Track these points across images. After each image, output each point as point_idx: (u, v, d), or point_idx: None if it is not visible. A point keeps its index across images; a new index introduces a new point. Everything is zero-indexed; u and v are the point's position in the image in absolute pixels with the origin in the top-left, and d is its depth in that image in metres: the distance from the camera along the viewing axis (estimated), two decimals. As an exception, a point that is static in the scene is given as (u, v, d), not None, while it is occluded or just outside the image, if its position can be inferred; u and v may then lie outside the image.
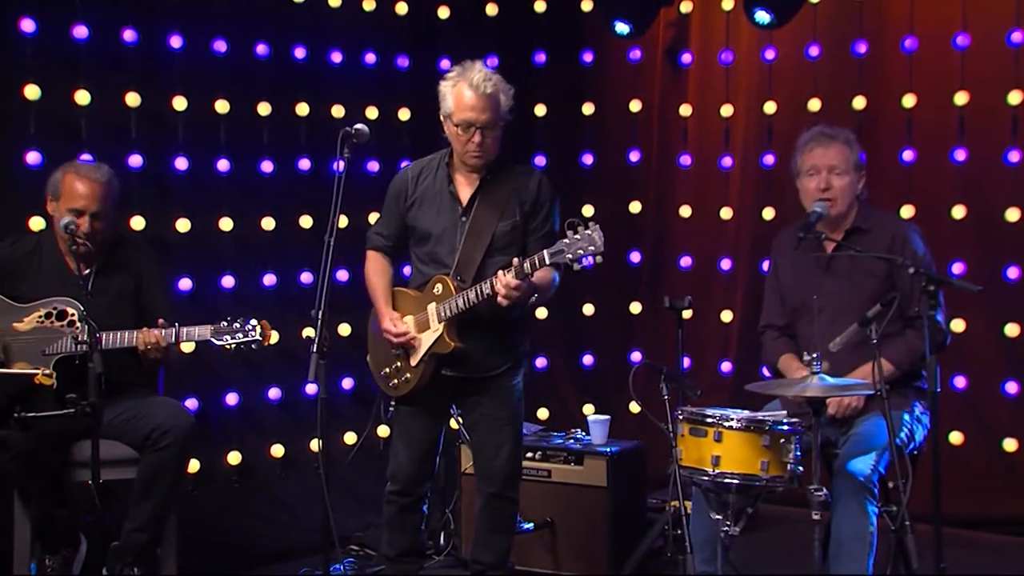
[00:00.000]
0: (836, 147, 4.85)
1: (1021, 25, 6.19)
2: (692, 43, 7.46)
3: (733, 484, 4.15)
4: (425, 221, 4.70)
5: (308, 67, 6.52)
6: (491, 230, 4.61)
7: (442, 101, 4.61)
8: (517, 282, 4.36)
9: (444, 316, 4.56)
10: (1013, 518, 6.30)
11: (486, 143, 4.57)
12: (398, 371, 4.72)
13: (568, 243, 4.29)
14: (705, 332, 7.29)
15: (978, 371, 6.45)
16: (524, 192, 4.67)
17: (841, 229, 4.87)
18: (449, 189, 4.69)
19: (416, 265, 4.80)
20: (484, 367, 4.70)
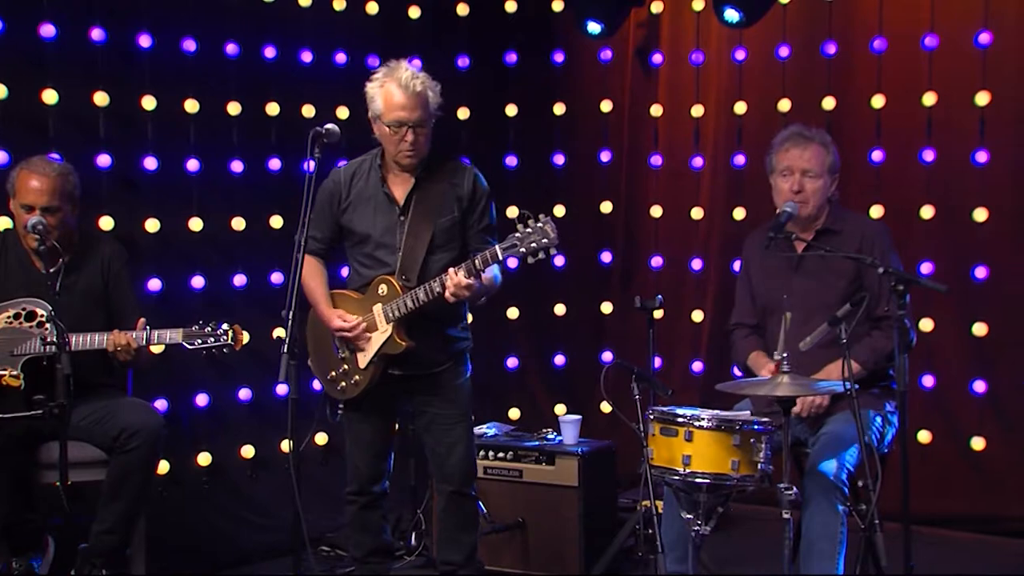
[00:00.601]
0: (812, 149, 4.86)
1: (988, 26, 6.23)
2: (662, 43, 7.48)
3: (704, 483, 4.16)
4: (362, 223, 4.71)
5: (278, 66, 6.49)
6: (431, 228, 4.63)
7: (371, 103, 4.62)
8: (468, 281, 4.39)
9: (392, 316, 4.58)
10: (981, 516, 6.35)
11: (418, 141, 4.58)
12: (346, 374, 4.73)
13: (520, 237, 4.33)
14: (676, 332, 7.31)
15: (946, 370, 6.49)
16: (460, 188, 4.70)
17: (812, 229, 4.89)
18: (384, 190, 4.70)
19: (355, 267, 4.81)
20: (429, 364, 4.72)
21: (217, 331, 4.81)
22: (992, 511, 6.33)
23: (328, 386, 4.81)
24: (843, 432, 4.50)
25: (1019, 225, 6.21)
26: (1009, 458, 6.29)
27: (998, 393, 6.35)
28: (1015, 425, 6.27)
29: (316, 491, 5.50)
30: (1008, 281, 6.27)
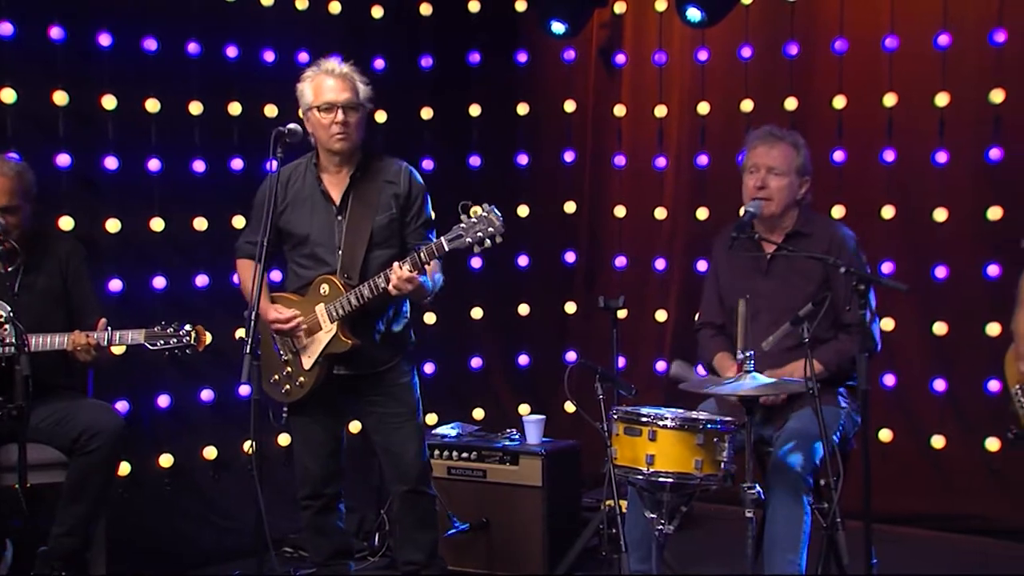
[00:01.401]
0: (780, 148, 4.88)
1: (947, 28, 6.28)
2: (626, 44, 7.49)
3: (667, 483, 4.16)
4: (300, 224, 4.72)
5: (240, 66, 6.45)
6: (369, 225, 4.66)
7: (301, 98, 4.70)
8: (410, 274, 4.41)
9: (336, 315, 4.59)
10: (941, 514, 6.40)
11: (349, 124, 4.63)
12: (290, 376, 4.72)
13: (465, 227, 4.34)
14: (640, 332, 7.33)
15: (907, 369, 6.54)
16: (396, 186, 4.74)
17: (781, 231, 4.90)
18: (320, 189, 4.72)
19: (293, 269, 4.81)
20: (374, 362, 4.74)
21: (180, 332, 4.78)
22: (952, 509, 6.38)
23: (271, 389, 4.79)
24: (807, 428, 4.51)
25: (978, 225, 6.25)
26: (968, 456, 6.34)
27: (957, 392, 6.41)
28: (973, 424, 6.32)
29: (279, 492, 5.47)
30: (967, 281, 6.32)
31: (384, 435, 4.82)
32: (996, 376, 5.30)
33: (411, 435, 4.81)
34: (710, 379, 4.82)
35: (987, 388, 6.11)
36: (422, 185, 4.83)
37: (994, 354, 4.10)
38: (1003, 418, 4.01)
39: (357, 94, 4.68)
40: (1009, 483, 6.15)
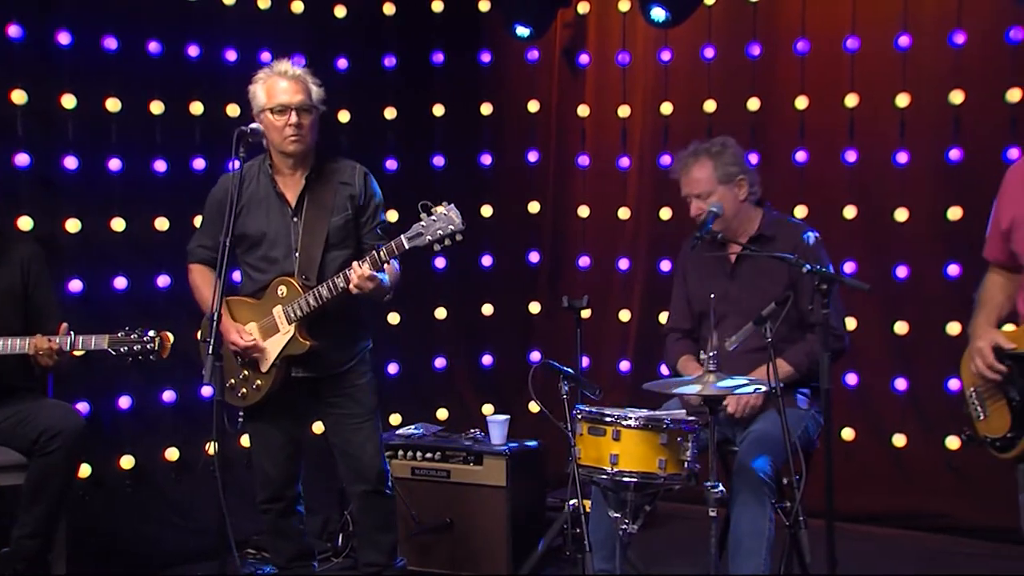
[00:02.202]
0: (695, 170, 4.91)
1: (908, 29, 6.33)
2: (589, 44, 7.50)
3: (631, 482, 4.16)
4: (255, 226, 4.71)
5: (202, 65, 6.42)
6: (325, 227, 4.66)
7: (254, 100, 4.69)
8: (371, 272, 4.42)
9: (294, 316, 4.58)
10: (902, 512, 6.45)
11: (303, 126, 4.62)
12: (246, 380, 4.70)
13: (425, 225, 4.37)
14: (603, 332, 7.34)
15: (869, 368, 6.58)
16: (351, 186, 4.75)
17: (745, 235, 4.91)
18: (275, 191, 4.71)
19: (248, 272, 4.79)
20: (333, 364, 4.74)
21: (143, 338, 4.75)
22: (913, 507, 6.43)
23: (227, 394, 4.76)
24: (770, 430, 4.53)
25: (939, 225, 6.30)
26: (928, 454, 6.38)
27: (918, 391, 6.46)
28: (934, 422, 6.36)
29: (242, 493, 5.44)
30: (928, 281, 6.37)
31: (342, 436, 4.81)
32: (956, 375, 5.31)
33: (369, 436, 4.81)
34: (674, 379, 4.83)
35: (947, 387, 6.16)
36: (376, 186, 4.84)
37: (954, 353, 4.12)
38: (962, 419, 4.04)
39: (310, 96, 4.67)
40: (969, 481, 6.20)
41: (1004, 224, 3.86)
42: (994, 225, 3.95)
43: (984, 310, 3.96)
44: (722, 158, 4.90)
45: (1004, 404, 3.79)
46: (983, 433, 3.92)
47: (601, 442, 4.19)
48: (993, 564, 5.77)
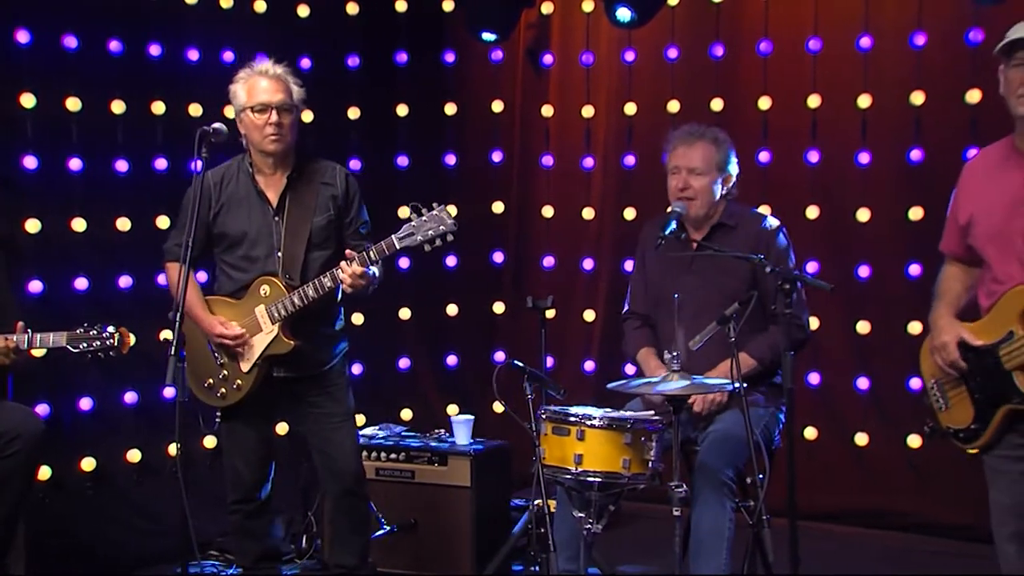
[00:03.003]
0: (699, 147, 4.90)
1: (869, 30, 6.37)
2: (553, 44, 7.50)
3: (596, 482, 4.17)
4: (236, 225, 4.70)
5: (164, 65, 6.38)
6: (307, 227, 4.66)
7: (234, 99, 4.70)
8: (363, 270, 4.43)
9: (279, 316, 4.57)
10: (865, 510, 6.49)
11: (283, 125, 4.62)
12: (226, 380, 4.69)
13: (416, 225, 4.39)
14: (568, 331, 7.35)
15: (831, 367, 6.62)
16: (333, 187, 4.76)
17: (706, 226, 4.92)
18: (256, 190, 4.70)
19: (227, 272, 4.77)
20: (315, 363, 4.73)
21: (103, 334, 4.71)
22: (876, 505, 6.47)
23: (205, 394, 4.74)
24: (732, 430, 4.54)
25: (900, 225, 6.34)
26: (890, 453, 6.42)
27: (880, 390, 6.50)
28: (896, 421, 6.40)
29: (205, 495, 5.41)
30: (889, 280, 6.41)
31: (322, 437, 4.80)
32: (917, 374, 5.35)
33: (348, 437, 4.81)
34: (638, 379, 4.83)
35: (909, 386, 6.20)
36: (357, 187, 4.84)
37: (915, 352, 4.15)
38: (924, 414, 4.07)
39: (291, 95, 4.67)
40: (930, 479, 6.24)
41: (962, 219, 3.89)
42: (951, 219, 3.98)
43: (943, 301, 3.98)
44: (724, 147, 4.95)
45: (966, 395, 3.81)
46: (946, 424, 3.95)
47: (565, 442, 4.20)
48: (955, 562, 5.81)
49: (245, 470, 4.80)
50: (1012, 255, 3.70)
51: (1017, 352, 3.62)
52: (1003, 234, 3.73)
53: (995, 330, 3.70)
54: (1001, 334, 3.68)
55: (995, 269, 3.77)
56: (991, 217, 3.78)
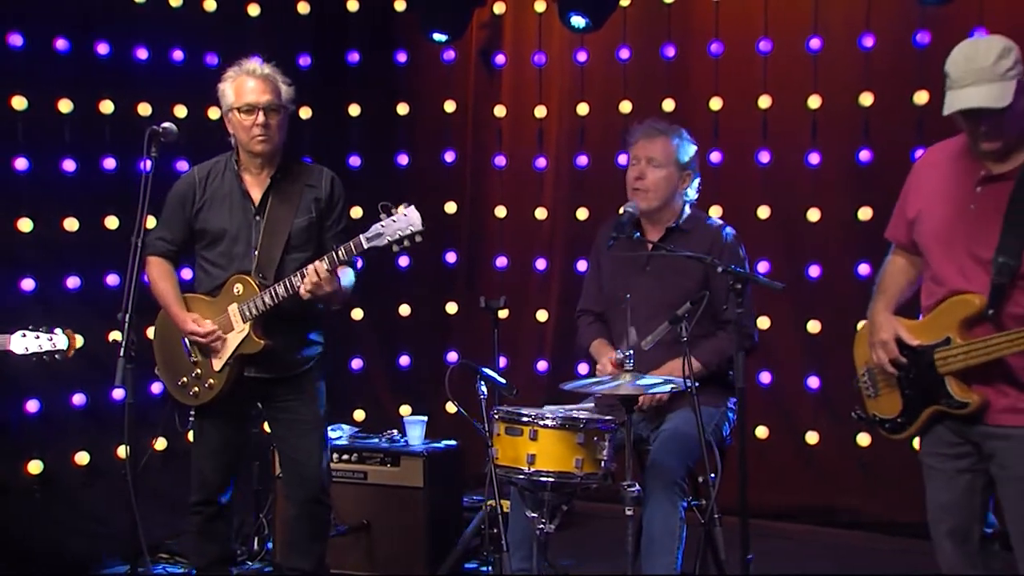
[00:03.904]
0: (660, 140, 4.91)
1: (819, 32, 6.42)
2: (505, 44, 7.51)
3: (549, 482, 4.17)
4: (217, 222, 4.66)
5: (112, 63, 6.32)
6: (287, 228, 4.62)
7: (223, 99, 4.65)
8: (326, 271, 4.39)
9: (249, 315, 4.53)
10: (815, 508, 6.54)
11: (270, 126, 4.60)
12: (199, 378, 4.64)
13: (384, 226, 4.36)
14: (521, 332, 7.35)
15: (782, 367, 6.66)
16: (317, 189, 4.72)
17: (662, 227, 4.93)
18: (240, 188, 4.67)
19: (206, 268, 4.73)
20: (289, 365, 4.69)
21: (50, 334, 4.64)
22: (825, 503, 6.52)
23: (179, 392, 4.70)
24: (683, 429, 4.56)
25: (850, 225, 6.40)
26: (840, 452, 6.48)
27: (830, 389, 6.55)
28: (846, 420, 6.41)
29: (154, 497, 5.37)
30: (839, 279, 6.46)
31: (291, 442, 4.76)
32: (867, 372, 5.43)
33: (317, 443, 4.76)
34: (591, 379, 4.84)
35: (858, 384, 6.24)
36: (343, 191, 4.80)
37: (866, 352, 4.21)
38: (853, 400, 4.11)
39: (279, 95, 4.64)
40: (879, 478, 6.30)
41: (910, 213, 3.91)
42: (900, 209, 4.01)
43: (884, 296, 4.01)
44: (688, 147, 4.96)
45: (896, 388, 3.86)
46: (872, 411, 4.00)
47: (518, 442, 4.20)
48: (903, 560, 5.85)
49: (210, 472, 4.74)
50: (953, 258, 3.74)
51: (953, 359, 3.66)
52: (947, 236, 3.76)
53: (933, 333, 3.73)
54: (939, 338, 3.71)
55: (935, 269, 3.80)
56: (938, 217, 3.81)
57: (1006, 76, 3.51)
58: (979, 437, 3.71)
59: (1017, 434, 3.62)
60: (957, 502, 3.81)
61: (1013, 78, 3.52)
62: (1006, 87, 3.51)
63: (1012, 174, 3.65)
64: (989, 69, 3.52)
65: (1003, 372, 3.63)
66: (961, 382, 3.67)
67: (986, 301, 3.61)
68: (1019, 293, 3.59)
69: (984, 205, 3.68)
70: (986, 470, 3.75)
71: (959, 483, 3.80)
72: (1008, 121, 3.56)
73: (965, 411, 3.66)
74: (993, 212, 3.65)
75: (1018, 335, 3.51)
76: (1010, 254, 3.58)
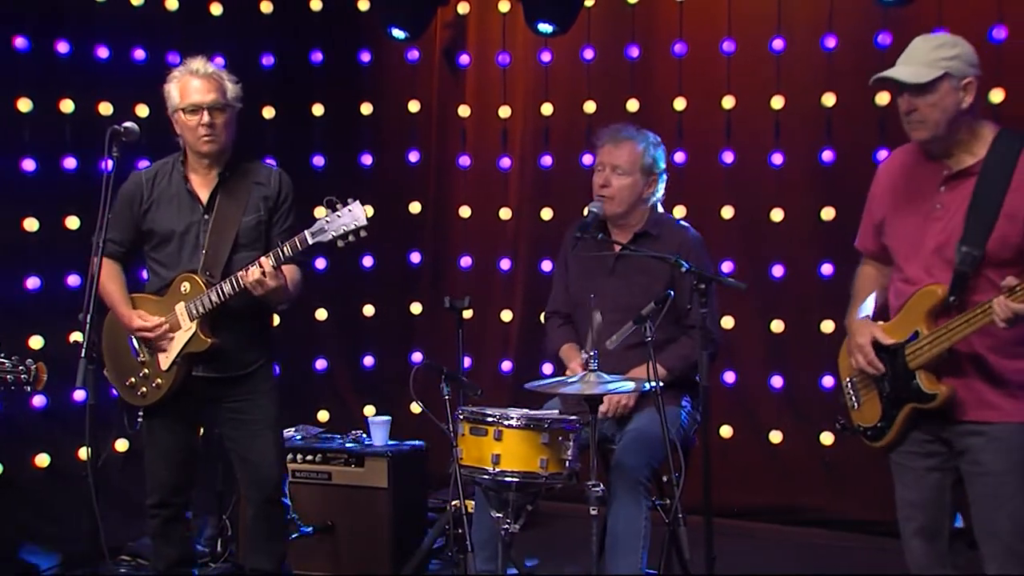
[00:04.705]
0: (625, 147, 4.92)
1: (782, 33, 6.45)
2: (469, 44, 7.50)
3: (513, 482, 4.17)
4: (165, 222, 4.64)
5: (72, 62, 6.28)
6: (235, 226, 4.61)
7: (168, 99, 4.62)
8: (271, 267, 4.38)
9: (196, 313, 4.52)
10: (778, 507, 6.57)
11: (216, 125, 4.58)
12: (146, 378, 4.61)
13: (329, 221, 4.37)
14: (485, 332, 7.35)
15: (746, 366, 6.69)
16: (266, 188, 4.71)
17: (629, 231, 4.93)
18: (187, 188, 4.65)
19: (154, 269, 4.71)
20: (238, 364, 4.66)
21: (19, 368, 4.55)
22: (789, 501, 6.55)
23: (127, 392, 4.66)
24: (648, 429, 4.57)
25: (813, 225, 6.43)
26: (803, 450, 6.51)
27: (793, 388, 6.58)
28: (809, 419, 6.48)
29: (115, 499, 5.33)
30: (803, 279, 6.50)
31: (243, 443, 4.72)
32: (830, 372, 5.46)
33: (270, 443, 4.72)
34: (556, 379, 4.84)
35: (821, 384, 6.29)
36: (292, 190, 4.78)
37: (828, 350, 4.23)
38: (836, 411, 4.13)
39: (224, 94, 4.61)
40: (842, 476, 6.33)
41: (876, 218, 3.96)
42: (867, 217, 4.05)
43: (859, 302, 4.04)
44: (654, 151, 4.95)
45: (876, 395, 3.88)
46: (856, 422, 4.01)
47: (483, 442, 4.19)
48: (868, 558, 5.89)
49: (164, 474, 4.71)
50: (921, 259, 3.77)
51: (921, 351, 3.70)
52: (915, 238, 3.79)
53: (903, 330, 3.77)
54: (908, 333, 3.74)
55: (904, 270, 3.84)
56: (904, 220, 3.84)
57: (936, 63, 3.64)
58: (951, 435, 3.73)
59: (989, 430, 3.65)
60: (927, 500, 3.84)
61: (942, 67, 3.62)
62: (930, 71, 3.63)
63: (974, 169, 3.69)
64: (924, 54, 3.68)
65: (972, 365, 3.66)
66: (931, 374, 3.70)
67: (948, 290, 3.64)
68: (983, 282, 3.63)
69: (949, 204, 3.72)
70: (955, 468, 3.78)
71: (928, 481, 3.83)
72: (931, 108, 3.65)
73: (934, 403, 3.68)
74: (958, 210, 3.69)
75: (973, 313, 3.55)
76: (973, 244, 3.62)
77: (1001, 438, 3.65)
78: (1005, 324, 3.45)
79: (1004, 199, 3.62)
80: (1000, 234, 3.61)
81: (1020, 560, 3.66)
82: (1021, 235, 3.62)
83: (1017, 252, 3.63)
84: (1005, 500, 3.66)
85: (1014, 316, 3.43)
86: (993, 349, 3.65)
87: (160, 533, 4.78)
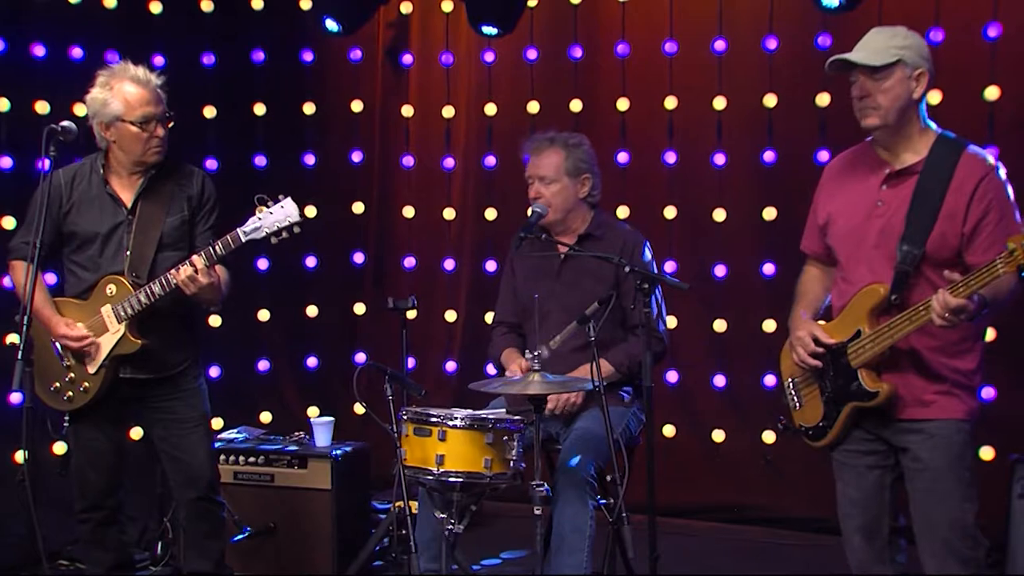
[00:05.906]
0: (546, 155, 4.93)
1: (724, 34, 6.48)
2: (412, 44, 7.48)
3: (458, 482, 4.17)
4: (87, 224, 4.59)
5: (7, 61, 6.19)
6: (159, 226, 4.59)
7: (103, 108, 4.54)
8: (203, 265, 4.37)
9: (125, 315, 4.49)
10: (721, 505, 6.61)
11: (163, 136, 4.57)
12: (72, 382, 4.56)
13: (261, 218, 4.37)
14: (429, 332, 7.33)
15: (688, 366, 6.72)
16: (189, 188, 4.70)
17: (573, 234, 4.95)
18: (107, 191, 4.60)
19: (74, 272, 4.65)
20: (165, 365, 4.64)
21: None
22: (731, 500, 6.59)
23: (51, 398, 4.60)
24: (592, 429, 4.58)
25: (755, 225, 6.48)
26: (745, 449, 6.55)
27: (735, 387, 6.63)
28: (751, 417, 6.53)
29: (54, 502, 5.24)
30: (745, 279, 6.54)
31: (173, 442, 4.69)
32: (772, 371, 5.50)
33: (200, 441, 4.72)
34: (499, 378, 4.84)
35: (764, 383, 6.34)
36: (214, 190, 4.77)
37: (770, 349, 4.27)
38: (778, 411, 4.16)
39: (164, 103, 4.60)
40: (783, 474, 6.37)
41: (821, 219, 4.01)
42: (811, 218, 4.10)
43: (802, 302, 4.09)
44: (575, 152, 4.94)
45: (817, 395, 3.92)
46: (798, 422, 4.05)
47: (427, 443, 4.19)
48: (810, 555, 5.95)
49: (94, 477, 4.66)
50: (863, 257, 3.82)
51: (863, 349, 3.75)
52: (857, 236, 3.84)
53: (845, 329, 3.81)
54: (851, 332, 3.79)
55: (846, 270, 3.89)
56: (847, 218, 3.90)
57: (889, 50, 3.73)
58: (892, 432, 3.79)
59: (928, 427, 3.71)
60: (867, 498, 3.89)
61: (895, 55, 3.71)
62: (884, 56, 3.71)
63: (916, 167, 3.75)
64: (879, 42, 3.77)
65: (911, 363, 3.73)
66: (872, 372, 3.75)
67: (889, 288, 3.69)
68: (923, 281, 3.69)
69: (890, 201, 3.77)
70: (895, 466, 3.83)
71: (869, 479, 3.88)
72: (884, 95, 3.72)
73: (876, 401, 3.73)
74: (899, 208, 3.74)
75: (915, 311, 3.60)
76: (913, 242, 3.68)
77: (939, 435, 3.71)
78: (941, 320, 3.49)
79: (944, 199, 3.68)
80: (939, 233, 3.67)
81: (957, 555, 3.71)
82: (959, 235, 3.68)
83: (955, 252, 3.69)
84: (944, 496, 3.72)
85: (951, 311, 3.47)
86: (935, 349, 3.71)
87: (93, 538, 4.74)
